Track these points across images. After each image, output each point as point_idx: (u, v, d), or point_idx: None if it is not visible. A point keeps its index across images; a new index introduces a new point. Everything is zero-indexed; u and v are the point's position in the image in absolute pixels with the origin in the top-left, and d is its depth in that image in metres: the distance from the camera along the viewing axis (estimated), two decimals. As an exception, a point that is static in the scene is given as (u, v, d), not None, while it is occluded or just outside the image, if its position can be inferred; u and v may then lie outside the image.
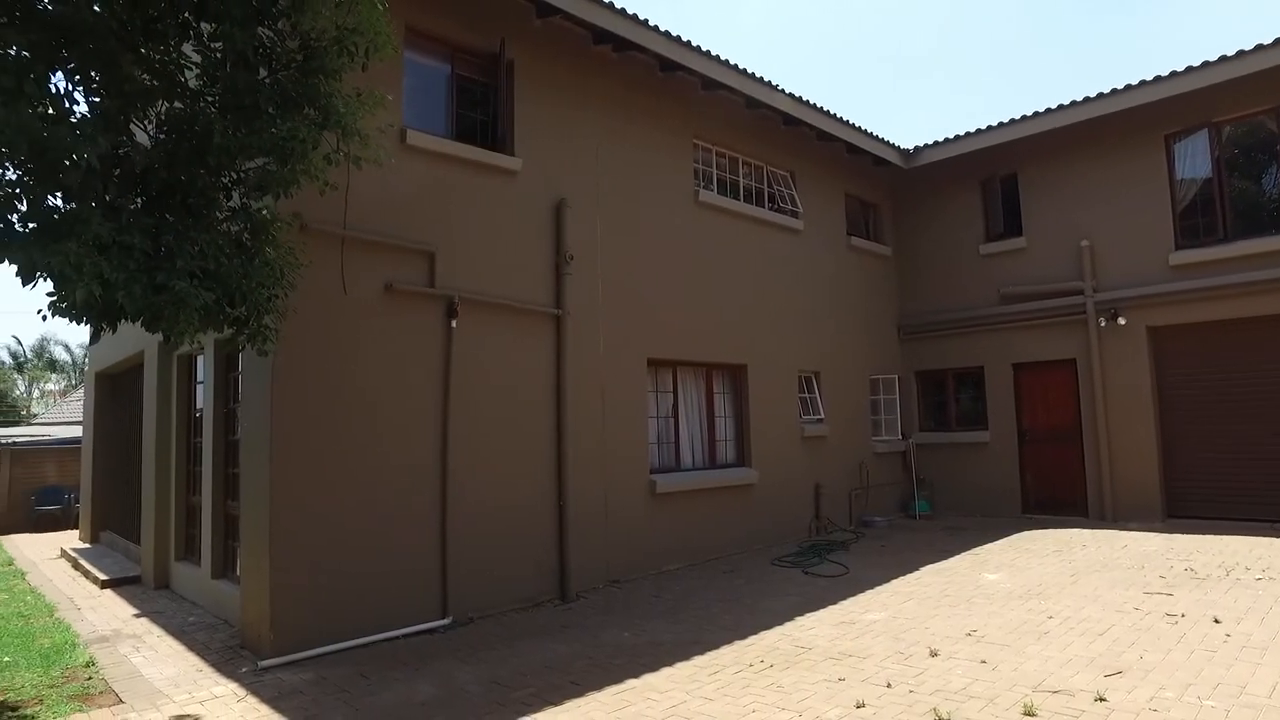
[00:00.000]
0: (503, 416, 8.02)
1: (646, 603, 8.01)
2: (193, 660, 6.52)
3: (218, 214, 4.86)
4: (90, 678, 6.14)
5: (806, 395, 12.23)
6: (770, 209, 11.85)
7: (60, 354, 43.65)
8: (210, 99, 4.76)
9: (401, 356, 7.29)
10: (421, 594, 7.23)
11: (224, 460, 8.24)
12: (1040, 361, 12.66)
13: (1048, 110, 12.05)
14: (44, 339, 43.61)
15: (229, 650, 6.74)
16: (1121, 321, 11.62)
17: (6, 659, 6.67)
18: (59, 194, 4.04)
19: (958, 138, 13.06)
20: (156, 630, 7.54)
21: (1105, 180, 12.04)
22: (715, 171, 11.13)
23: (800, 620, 7.05)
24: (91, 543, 13.16)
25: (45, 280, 4.70)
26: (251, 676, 6.00)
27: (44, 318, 4.78)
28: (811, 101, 11.58)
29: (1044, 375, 12.68)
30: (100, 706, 5.50)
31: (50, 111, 3.86)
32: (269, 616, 6.33)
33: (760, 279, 11.36)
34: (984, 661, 5.62)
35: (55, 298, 4.42)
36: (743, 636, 6.61)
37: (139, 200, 4.44)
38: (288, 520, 6.46)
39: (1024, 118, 12.29)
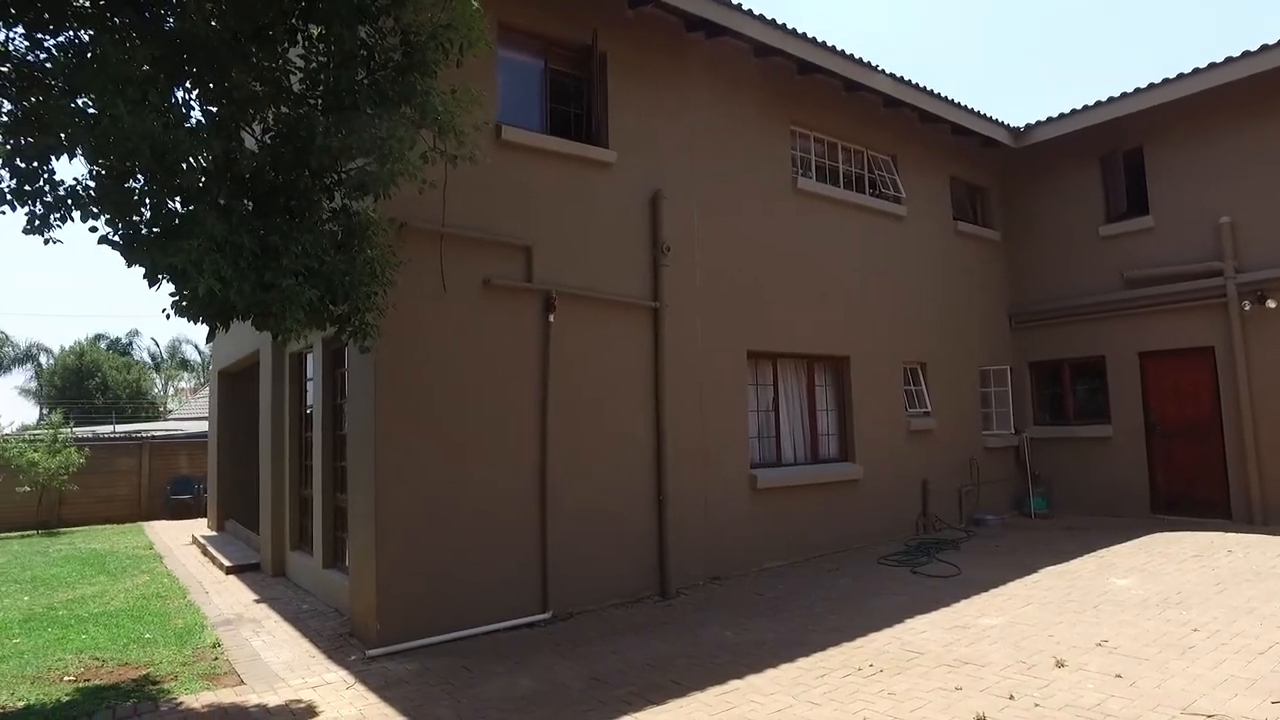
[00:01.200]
0: (601, 410, 7.98)
1: (748, 600, 7.83)
2: (306, 646, 6.76)
3: (320, 215, 4.98)
4: (217, 658, 6.46)
5: (912, 388, 11.72)
6: (871, 195, 11.40)
7: (191, 354, 46.85)
8: (312, 102, 4.88)
9: (500, 352, 7.34)
10: (522, 588, 7.27)
11: (332, 454, 8.53)
12: (1171, 350, 11.71)
13: (1180, 76, 11.10)
14: (176, 341, 46.93)
15: (339, 638, 6.96)
16: (1271, 305, 10.59)
17: (148, 636, 7.17)
18: (177, 198, 4.21)
19: (1074, 112, 12.21)
20: (274, 616, 7.87)
21: (1250, 150, 10.99)
22: (814, 158, 10.78)
23: (910, 623, 6.71)
24: (218, 530, 13.97)
25: (167, 282, 4.95)
26: (360, 665, 6.16)
27: (167, 316, 5.03)
28: (913, 81, 11.06)
29: (1176, 364, 11.73)
30: (225, 686, 5.77)
31: (170, 118, 4.01)
32: (375, 608, 6.48)
33: (862, 267, 10.95)
34: (1119, 676, 5.17)
35: (176, 297, 4.61)
36: (850, 638, 6.34)
37: (248, 202, 4.60)
38: (392, 514, 6.61)
39: (1151, 86, 11.36)
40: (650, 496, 8.28)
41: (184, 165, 3.96)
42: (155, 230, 4.29)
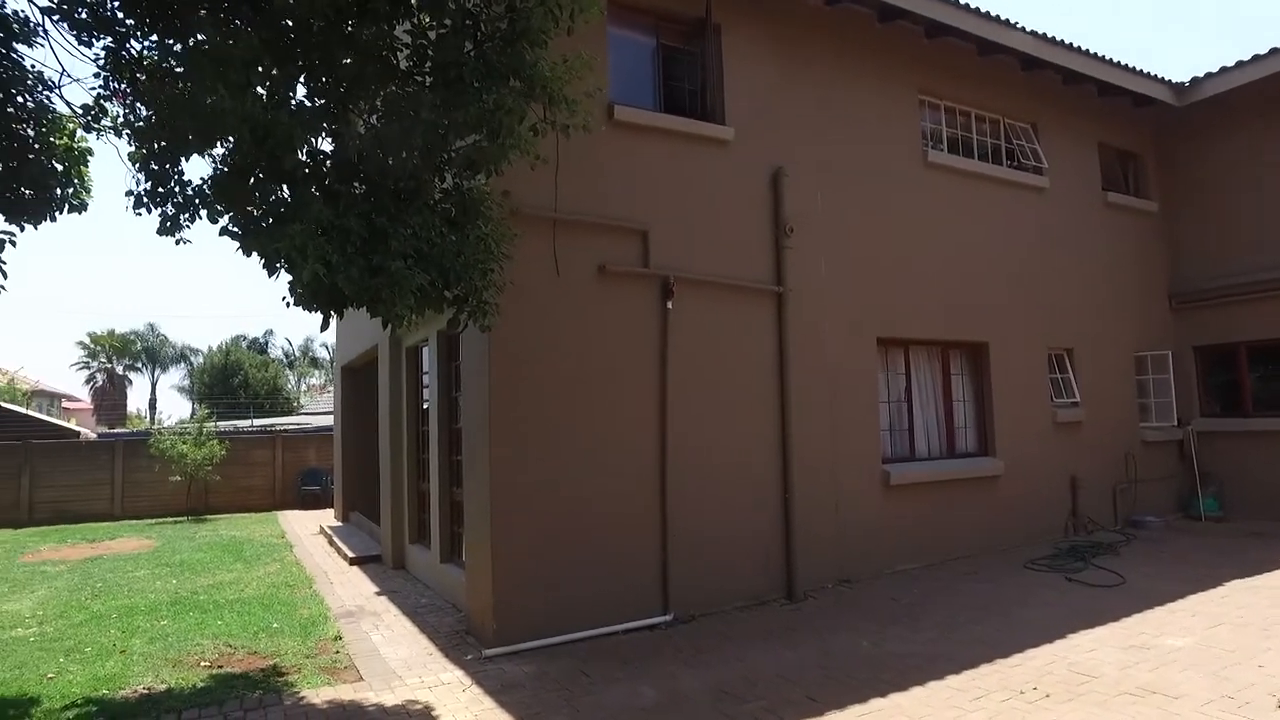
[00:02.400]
0: (723, 402, 7.55)
1: (882, 606, 7.23)
2: (423, 643, 6.66)
3: (431, 196, 4.77)
4: (338, 652, 6.45)
5: (1058, 375, 10.69)
6: (1009, 166, 10.44)
7: (321, 353, 49.47)
8: (419, 79, 4.67)
9: (616, 341, 7.03)
10: (642, 588, 6.95)
11: (448, 448, 8.47)
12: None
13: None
14: (308, 340, 49.64)
15: (455, 635, 6.83)
16: None
17: (276, 625, 7.31)
18: (285, 186, 4.09)
19: (1257, 58, 10.74)
20: (393, 610, 7.87)
21: None
22: (944, 129, 9.95)
23: (1074, 639, 5.97)
24: (343, 521, 14.40)
25: (285, 271, 4.86)
26: (476, 665, 5.98)
27: (286, 304, 4.96)
28: (1057, 38, 10.03)
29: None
30: (344, 682, 5.71)
31: (272, 101, 3.87)
32: (491, 606, 6.30)
33: (1000, 245, 10.03)
34: (1353, 714, 4.33)
35: (292, 280, 4.49)
36: (1004, 654, 5.68)
37: (356, 186, 4.43)
38: (508, 510, 6.41)
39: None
40: (775, 492, 7.78)
41: (287, 149, 3.81)
42: (269, 220, 4.17)
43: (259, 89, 3.87)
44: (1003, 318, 9.91)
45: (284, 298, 4.93)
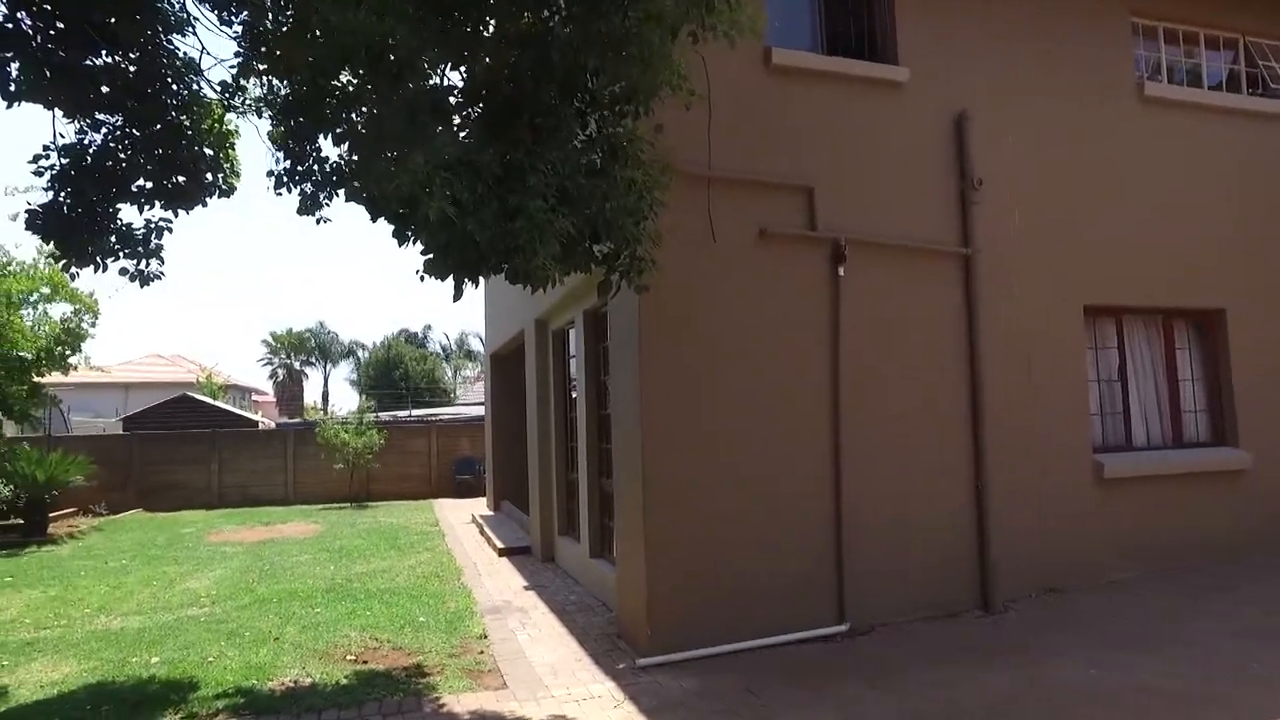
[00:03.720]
0: (902, 381, 6.58)
1: (1104, 623, 6.04)
2: (571, 646, 6.14)
3: (572, 134, 4.14)
4: (482, 652, 6.05)
5: (1314, 350, 8.80)
6: (1253, 94, 8.65)
7: (475, 345, 51.31)
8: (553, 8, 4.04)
9: (780, 313, 6.22)
10: (813, 594, 6.11)
11: (597, 436, 7.95)
12: None
13: None
14: (464, 333, 51.63)
15: (606, 639, 6.27)
16: None
17: (422, 619, 7.05)
18: (402, 112, 3.57)
19: None
20: (541, 606, 7.43)
21: None
22: (1164, 56, 8.35)
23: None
24: (494, 510, 14.36)
25: (415, 243, 4.40)
26: (629, 676, 5.36)
27: (421, 278, 4.52)
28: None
29: None
30: (487, 688, 5.26)
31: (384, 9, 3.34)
32: (645, 610, 5.67)
33: (1240, 191, 8.28)
34: None
35: (423, 248, 4.01)
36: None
37: (485, 119, 3.88)
38: (662, 504, 5.75)
39: None
40: (966, 487, 6.72)
41: (406, 68, 3.29)
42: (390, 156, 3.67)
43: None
44: (1244, 279, 8.19)
45: (418, 270, 4.50)
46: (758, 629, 5.88)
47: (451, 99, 3.86)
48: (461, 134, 3.73)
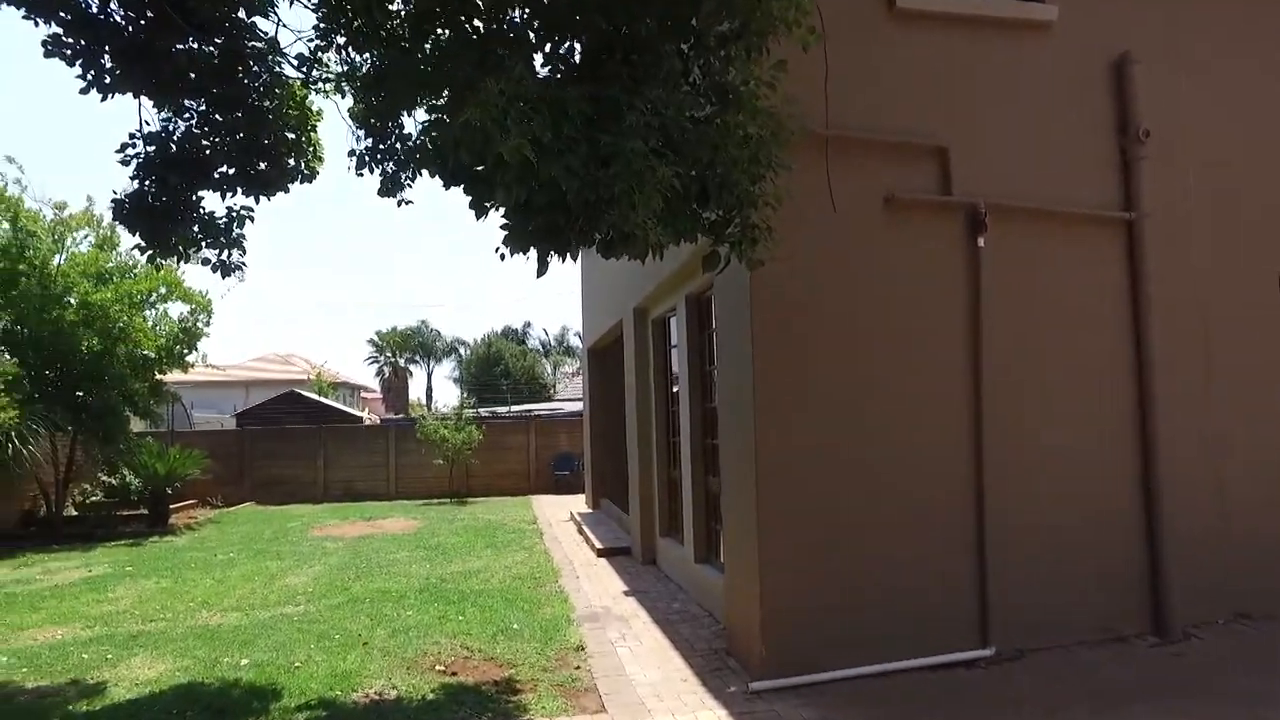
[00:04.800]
0: (1053, 368, 5.70)
1: (1318, 662, 5.00)
2: (676, 663, 5.55)
3: (674, 73, 3.52)
4: (578, 666, 5.56)
5: None
6: None
7: (574, 340, 51.63)
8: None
9: (910, 291, 5.44)
10: (951, 611, 5.32)
11: (701, 431, 7.34)
12: None
13: None
14: (564, 329, 52.03)
15: (714, 655, 5.65)
16: None
17: (515, 626, 6.63)
18: (472, 48, 3.05)
19: None
20: (642, 615, 6.88)
21: None
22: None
23: None
24: (593, 508, 13.95)
25: (493, 209, 3.90)
26: (741, 702, 4.72)
27: (501, 257, 4.02)
28: None
29: None
30: (584, 711, 4.75)
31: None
32: (759, 626, 5.01)
33: None
34: None
35: (501, 214, 3.48)
36: None
37: (571, 51, 3.32)
38: (779, 508, 5.08)
39: None
40: (1132, 490, 5.76)
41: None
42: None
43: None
44: None
45: (497, 249, 4.00)
46: (887, 651, 5.14)
47: (530, 34, 3.32)
48: (543, 72, 3.19)
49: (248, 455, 18.96)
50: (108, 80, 5.48)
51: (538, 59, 3.34)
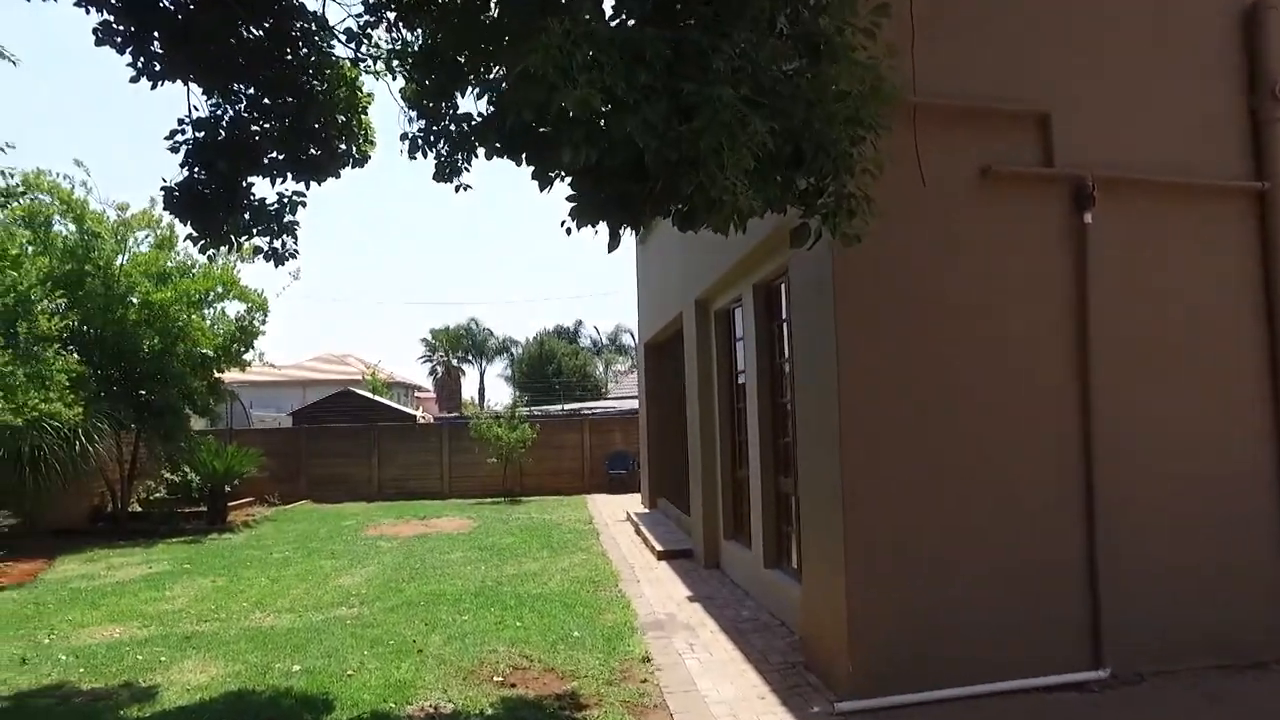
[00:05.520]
0: (1171, 361, 5.10)
1: None
2: (750, 677, 5.11)
3: (764, 20, 3.07)
4: (645, 680, 5.17)
5: None
6: None
7: (626, 339, 51.36)
8: None
9: (1008, 274, 4.92)
10: (1060, 628, 4.79)
11: (771, 429, 6.87)
12: None
13: None
14: (617, 329, 51.80)
15: (791, 669, 5.20)
16: None
17: (576, 634, 6.29)
18: None
19: None
20: (710, 623, 6.46)
21: None
22: None
23: None
24: (650, 508, 13.55)
25: (559, 179, 3.52)
26: (830, 726, 4.28)
27: (568, 231, 3.64)
28: None
29: None
30: (654, 731, 4.34)
31: None
32: (845, 640, 4.55)
33: None
34: None
35: (570, 182, 3.10)
36: None
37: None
38: (866, 513, 4.61)
39: None
40: (1268, 497, 5.15)
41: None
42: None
43: None
44: None
45: (563, 222, 3.62)
46: (988, 670, 4.64)
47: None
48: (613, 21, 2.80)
49: (303, 453, 19.04)
50: (157, 67, 5.33)
51: (608, 1, 2.95)
